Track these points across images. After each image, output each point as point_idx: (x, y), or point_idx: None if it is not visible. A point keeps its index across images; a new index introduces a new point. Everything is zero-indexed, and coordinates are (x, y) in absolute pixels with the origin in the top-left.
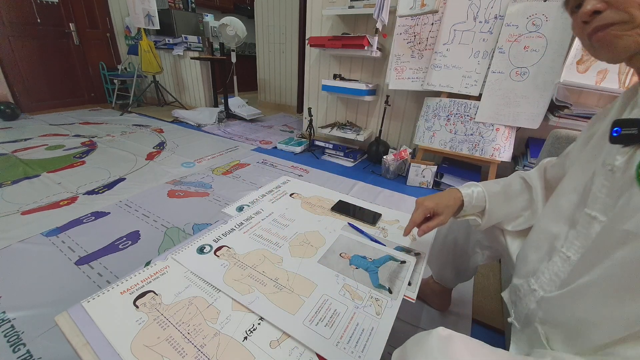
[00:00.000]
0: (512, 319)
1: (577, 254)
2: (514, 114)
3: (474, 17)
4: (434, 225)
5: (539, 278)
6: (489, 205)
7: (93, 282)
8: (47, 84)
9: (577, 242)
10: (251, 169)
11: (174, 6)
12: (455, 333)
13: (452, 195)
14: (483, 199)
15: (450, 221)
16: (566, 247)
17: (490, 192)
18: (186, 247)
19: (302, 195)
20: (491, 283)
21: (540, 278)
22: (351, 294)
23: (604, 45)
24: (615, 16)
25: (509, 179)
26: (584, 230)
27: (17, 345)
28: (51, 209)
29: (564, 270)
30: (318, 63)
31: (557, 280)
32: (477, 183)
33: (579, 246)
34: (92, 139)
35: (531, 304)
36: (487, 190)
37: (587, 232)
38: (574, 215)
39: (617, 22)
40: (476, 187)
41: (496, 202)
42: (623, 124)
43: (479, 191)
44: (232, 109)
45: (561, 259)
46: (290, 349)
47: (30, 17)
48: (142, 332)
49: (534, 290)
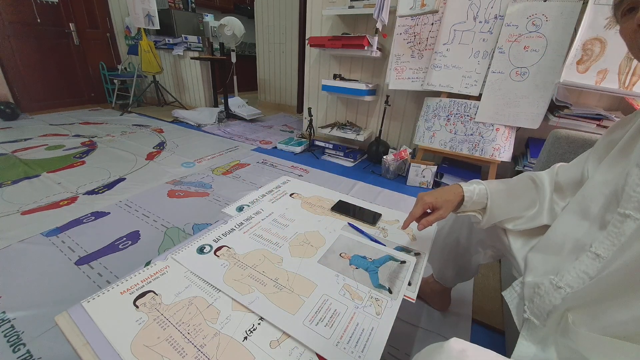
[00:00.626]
0: (528, 315)
1: (607, 252)
2: (514, 114)
3: (474, 17)
4: (433, 219)
5: (564, 276)
6: (491, 202)
7: (93, 282)
8: (47, 84)
9: (608, 241)
10: (251, 169)
11: (174, 6)
12: (468, 345)
13: (452, 190)
14: (485, 196)
15: (452, 220)
16: (595, 246)
17: (493, 190)
18: (186, 247)
19: (302, 195)
20: (491, 283)
21: (566, 276)
22: (351, 294)
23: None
24: None
25: (516, 178)
26: (616, 230)
27: (17, 345)
28: (51, 209)
29: (592, 267)
30: (318, 63)
31: (585, 277)
32: (480, 181)
33: (610, 244)
34: (92, 139)
35: (556, 300)
36: (489, 188)
37: (619, 231)
38: (604, 216)
39: None
40: (479, 184)
41: (498, 200)
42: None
43: (481, 188)
44: (232, 109)
45: (589, 257)
46: (290, 349)
47: (30, 17)
48: (142, 332)
49: (560, 287)
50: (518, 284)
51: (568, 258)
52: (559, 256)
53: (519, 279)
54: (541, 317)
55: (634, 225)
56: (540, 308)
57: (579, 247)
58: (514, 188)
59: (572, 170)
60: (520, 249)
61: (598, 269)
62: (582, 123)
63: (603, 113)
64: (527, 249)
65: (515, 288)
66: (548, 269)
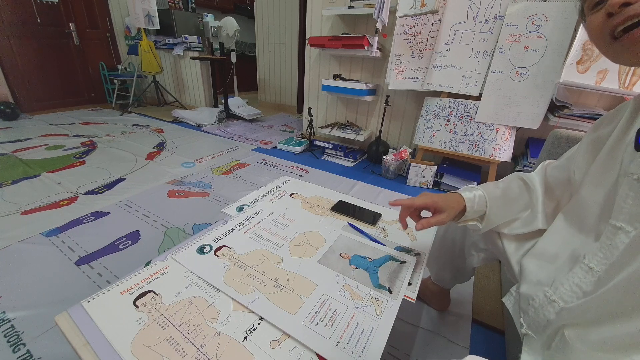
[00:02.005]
0: (526, 330)
1: (600, 265)
2: (514, 114)
3: (474, 17)
4: (434, 221)
5: (558, 289)
6: (489, 209)
7: (93, 282)
8: (47, 84)
9: (600, 254)
10: (251, 169)
11: (174, 6)
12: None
13: (455, 199)
14: (484, 203)
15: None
16: (588, 258)
17: (491, 196)
18: (186, 247)
19: (302, 195)
20: (491, 283)
21: (559, 289)
22: (351, 294)
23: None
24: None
25: (508, 181)
26: (608, 242)
27: (17, 345)
28: (51, 209)
29: (586, 281)
30: (318, 63)
31: (578, 291)
32: (476, 186)
33: (602, 257)
34: (92, 139)
35: (550, 315)
36: (487, 194)
37: (611, 243)
38: (598, 226)
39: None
40: (477, 191)
41: (496, 207)
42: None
43: (480, 195)
44: (232, 109)
45: (583, 270)
46: (290, 349)
47: (30, 17)
48: (142, 332)
49: (553, 301)
50: (515, 289)
51: (562, 268)
52: (553, 265)
53: (516, 285)
54: (538, 331)
55: (626, 239)
56: (536, 322)
57: (574, 257)
58: (507, 192)
59: (559, 170)
60: (514, 252)
61: (592, 283)
62: (582, 123)
63: (603, 113)
64: (521, 252)
65: (512, 294)
66: (542, 278)
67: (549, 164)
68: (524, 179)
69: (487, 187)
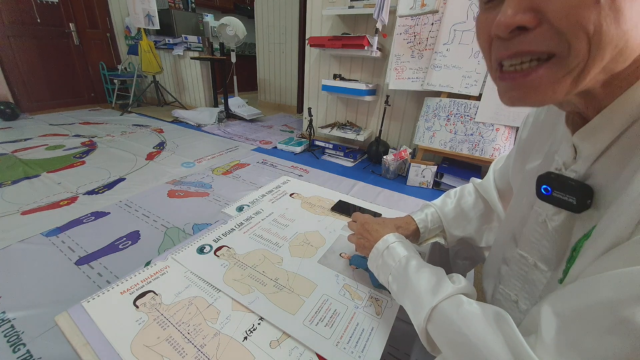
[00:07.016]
0: None
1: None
2: (514, 114)
3: (474, 17)
4: None
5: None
6: (446, 222)
7: (93, 282)
8: (47, 84)
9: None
10: (251, 169)
11: (174, 6)
12: None
13: (404, 220)
14: (438, 218)
15: None
16: (504, 284)
17: (444, 210)
18: (186, 247)
19: (302, 195)
20: None
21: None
22: (351, 294)
23: (523, 92)
24: (551, 43)
25: (461, 191)
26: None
27: (17, 345)
28: (51, 209)
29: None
30: (318, 63)
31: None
32: (430, 203)
33: (520, 288)
34: (92, 139)
35: None
36: (439, 208)
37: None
38: (505, 251)
39: (555, 53)
40: (429, 209)
41: (452, 218)
42: (552, 183)
43: (432, 212)
44: (232, 109)
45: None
46: (290, 349)
47: (30, 17)
48: (142, 332)
49: None
50: None
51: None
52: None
53: None
54: None
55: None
56: None
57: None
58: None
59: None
60: None
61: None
62: None
63: None
64: None
65: None
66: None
67: (496, 163)
68: (476, 187)
69: (439, 202)
